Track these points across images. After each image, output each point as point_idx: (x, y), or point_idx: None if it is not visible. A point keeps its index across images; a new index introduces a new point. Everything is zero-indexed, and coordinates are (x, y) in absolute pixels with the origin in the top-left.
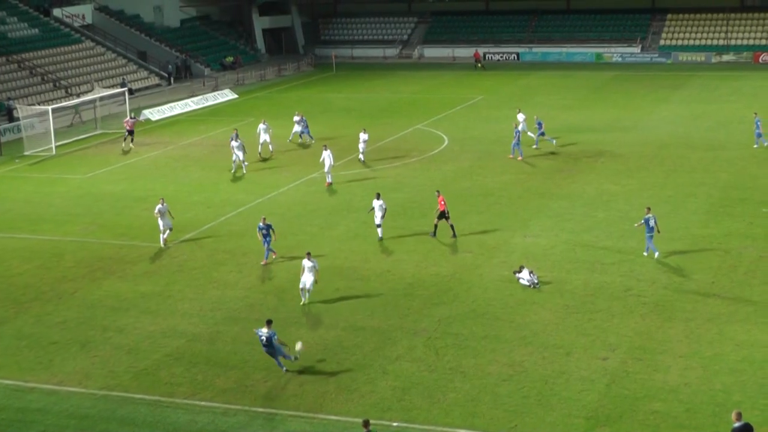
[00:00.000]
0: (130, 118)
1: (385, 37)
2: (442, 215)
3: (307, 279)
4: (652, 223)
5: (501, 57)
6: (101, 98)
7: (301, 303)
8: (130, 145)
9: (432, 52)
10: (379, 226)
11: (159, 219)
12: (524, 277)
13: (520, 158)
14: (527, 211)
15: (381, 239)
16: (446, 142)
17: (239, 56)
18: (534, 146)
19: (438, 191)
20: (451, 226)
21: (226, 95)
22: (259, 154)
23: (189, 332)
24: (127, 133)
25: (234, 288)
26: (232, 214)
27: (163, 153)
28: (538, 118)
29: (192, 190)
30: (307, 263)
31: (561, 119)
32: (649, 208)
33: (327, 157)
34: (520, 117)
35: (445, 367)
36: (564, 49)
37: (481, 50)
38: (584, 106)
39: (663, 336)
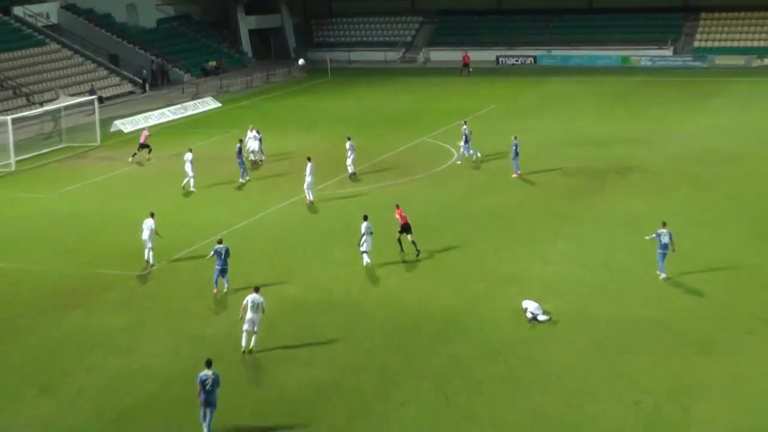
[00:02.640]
0: (149, 132)
1: (387, 39)
2: (405, 229)
3: (255, 319)
4: (665, 239)
5: (516, 61)
6: (67, 107)
7: (242, 350)
8: (147, 156)
9: (439, 55)
10: (366, 252)
11: (143, 234)
12: (529, 308)
13: (518, 173)
14: (547, 235)
15: (367, 264)
16: (455, 157)
17: (223, 60)
18: (458, 161)
19: (397, 204)
20: (413, 243)
21: (208, 104)
22: (257, 161)
23: (165, 373)
24: (139, 147)
25: (216, 322)
26: (214, 238)
27: (136, 169)
28: (467, 129)
29: (170, 211)
30: (252, 300)
31: (583, 131)
32: (664, 223)
33: (308, 171)
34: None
35: (456, 414)
36: (586, 52)
37: (494, 53)
38: (609, 115)
39: (704, 378)
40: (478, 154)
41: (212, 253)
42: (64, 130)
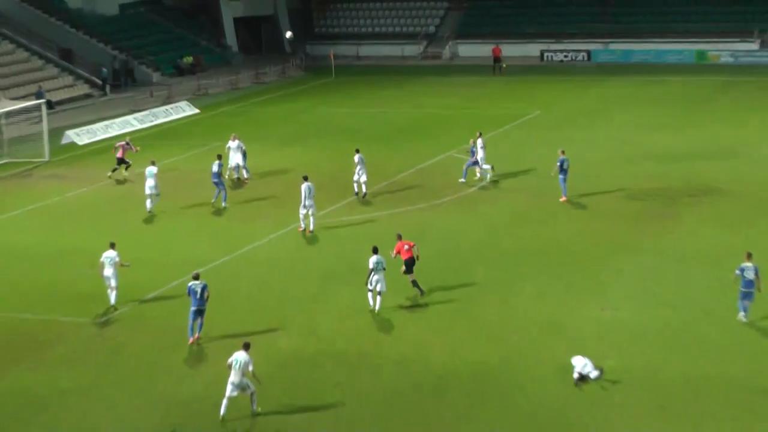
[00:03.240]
0: (125, 143)
1: (404, 30)
2: (411, 264)
3: (242, 383)
4: (750, 275)
5: (565, 57)
6: (8, 114)
7: (221, 418)
8: (124, 173)
9: (469, 50)
10: (379, 293)
11: (105, 270)
12: (577, 366)
13: (563, 199)
14: (604, 273)
15: (377, 311)
16: (489, 176)
17: (201, 56)
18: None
19: (399, 235)
20: (413, 283)
21: (183, 110)
22: (235, 179)
23: None
24: (117, 163)
25: (191, 381)
26: (187, 278)
27: (92, 191)
28: (481, 140)
29: (134, 243)
30: (237, 359)
31: (648, 143)
32: (749, 255)
33: (305, 192)
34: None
35: None
36: (653, 46)
37: (538, 47)
38: (682, 124)
39: None
40: (480, 174)
41: (187, 291)
42: (5, 141)
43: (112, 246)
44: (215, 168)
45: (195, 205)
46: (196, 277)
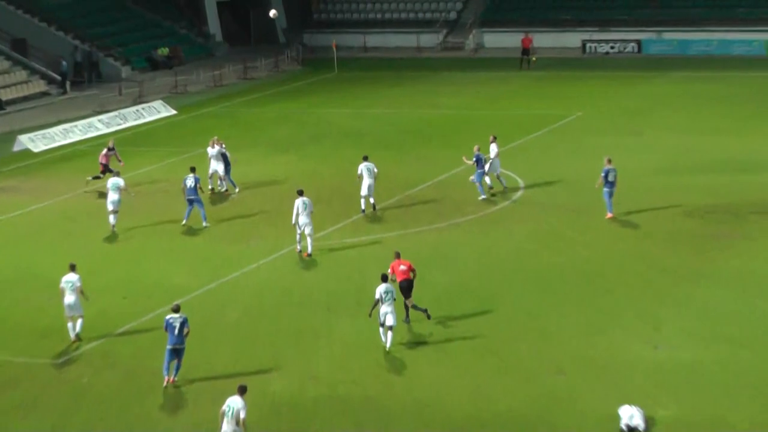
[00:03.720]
0: (109, 148)
1: (420, 17)
2: (408, 288)
3: None
4: None
5: (612, 48)
6: None
7: None
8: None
9: (496, 39)
10: (390, 327)
11: (65, 298)
12: (624, 417)
13: (609, 215)
14: (656, 305)
15: (386, 344)
16: (521, 190)
17: (179, 47)
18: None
19: (398, 253)
20: (410, 307)
21: (158, 111)
22: (210, 189)
23: None
24: (102, 171)
25: (167, 430)
26: (164, 310)
27: (49, 206)
28: (478, 151)
29: (99, 267)
30: (230, 406)
31: (711, 150)
32: None
33: (301, 209)
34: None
35: None
36: (716, 36)
37: (579, 37)
38: (748, 129)
39: None
40: (488, 180)
41: (164, 325)
42: None
43: (73, 268)
44: (190, 182)
45: (171, 222)
46: (175, 310)
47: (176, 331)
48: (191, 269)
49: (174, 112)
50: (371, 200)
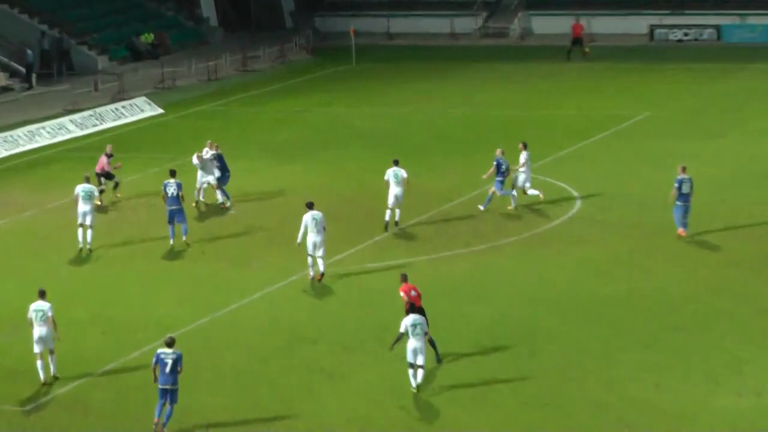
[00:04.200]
0: (107, 155)
1: None
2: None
3: None
4: None
5: (685, 35)
6: None
7: None
8: (116, 193)
9: (546, 24)
10: (420, 367)
11: (34, 330)
12: None
13: (684, 230)
14: (738, 344)
15: (416, 388)
16: (577, 204)
17: (165, 34)
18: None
19: (404, 276)
20: (431, 343)
21: (141, 109)
22: (196, 203)
23: None
24: (101, 180)
25: None
26: (150, 347)
27: (12, 223)
28: (501, 155)
29: (72, 297)
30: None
31: None
32: None
33: (311, 225)
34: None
35: None
36: None
37: (645, 22)
38: None
39: None
40: (514, 193)
41: (154, 361)
42: None
43: (42, 295)
44: (172, 190)
45: (156, 242)
46: (169, 344)
47: (167, 369)
48: (182, 299)
49: (160, 111)
50: (397, 212)
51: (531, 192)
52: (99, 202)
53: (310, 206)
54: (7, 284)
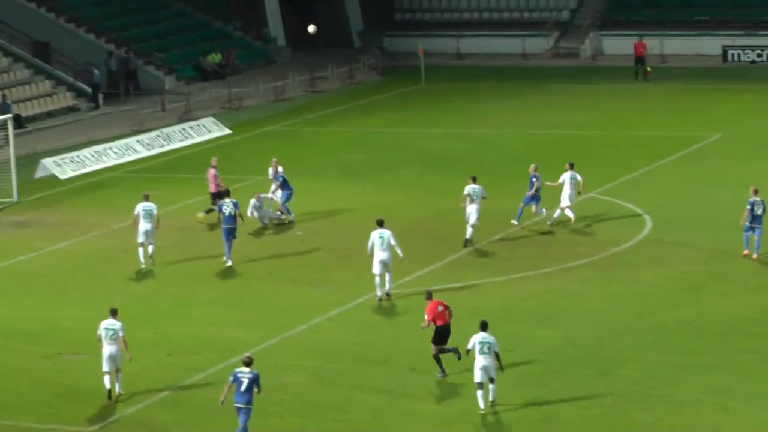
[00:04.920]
0: (213, 168)
1: (526, 17)
2: (440, 337)
3: None
4: None
5: (758, 56)
6: None
7: None
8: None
9: (618, 45)
10: (491, 380)
11: (104, 348)
12: None
13: (749, 254)
14: None
15: (483, 409)
16: (648, 227)
17: (232, 53)
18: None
19: (429, 293)
20: (444, 350)
21: (208, 130)
22: (282, 220)
23: None
24: (213, 200)
25: None
26: (214, 370)
27: (77, 245)
28: (535, 171)
29: (138, 318)
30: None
31: None
32: None
33: (377, 244)
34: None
35: None
36: None
37: (718, 42)
38: None
39: None
40: (543, 211)
41: (231, 379)
42: None
43: (114, 314)
44: (229, 209)
45: (221, 261)
46: (247, 363)
47: (243, 388)
48: (247, 320)
49: (227, 131)
50: (469, 230)
51: (567, 212)
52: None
53: (379, 224)
54: (71, 305)
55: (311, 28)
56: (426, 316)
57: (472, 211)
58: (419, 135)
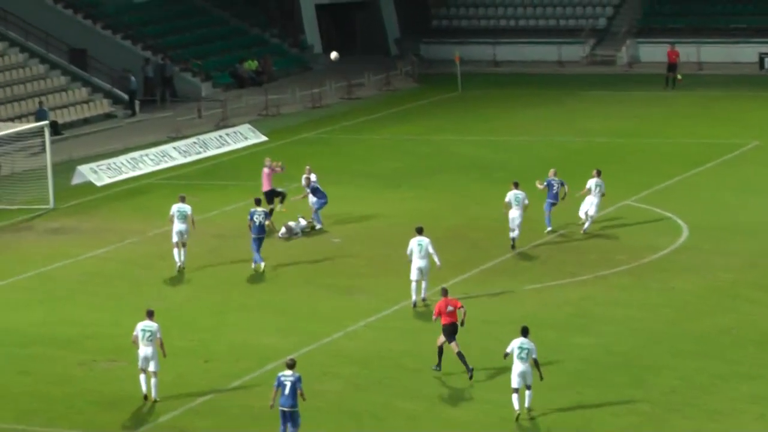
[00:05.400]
0: (273, 165)
1: (562, 24)
2: (452, 332)
3: None
4: None
5: None
6: None
7: None
8: (280, 207)
9: (654, 52)
10: (528, 387)
11: (140, 349)
12: None
13: None
14: None
15: (518, 412)
16: (684, 234)
17: (269, 59)
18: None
19: (445, 290)
20: (459, 355)
21: (245, 137)
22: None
23: None
24: (271, 200)
25: None
26: (250, 377)
27: (113, 252)
28: (554, 175)
29: (174, 325)
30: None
31: None
32: None
33: (416, 252)
34: None
35: None
36: None
37: (755, 50)
38: None
39: None
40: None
41: (276, 384)
42: None
43: (151, 315)
44: (259, 218)
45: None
46: (290, 366)
47: (287, 391)
48: (283, 327)
49: (264, 138)
50: (512, 235)
51: (581, 215)
52: (268, 222)
53: (419, 231)
54: (106, 312)
55: (333, 55)
56: (438, 313)
57: (515, 216)
58: (455, 142)
